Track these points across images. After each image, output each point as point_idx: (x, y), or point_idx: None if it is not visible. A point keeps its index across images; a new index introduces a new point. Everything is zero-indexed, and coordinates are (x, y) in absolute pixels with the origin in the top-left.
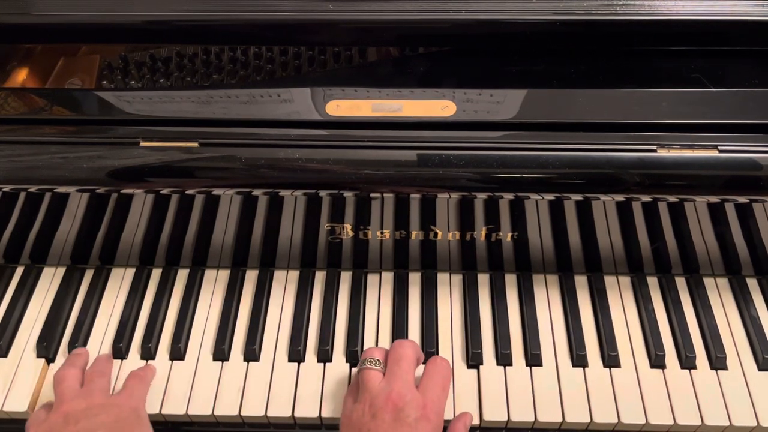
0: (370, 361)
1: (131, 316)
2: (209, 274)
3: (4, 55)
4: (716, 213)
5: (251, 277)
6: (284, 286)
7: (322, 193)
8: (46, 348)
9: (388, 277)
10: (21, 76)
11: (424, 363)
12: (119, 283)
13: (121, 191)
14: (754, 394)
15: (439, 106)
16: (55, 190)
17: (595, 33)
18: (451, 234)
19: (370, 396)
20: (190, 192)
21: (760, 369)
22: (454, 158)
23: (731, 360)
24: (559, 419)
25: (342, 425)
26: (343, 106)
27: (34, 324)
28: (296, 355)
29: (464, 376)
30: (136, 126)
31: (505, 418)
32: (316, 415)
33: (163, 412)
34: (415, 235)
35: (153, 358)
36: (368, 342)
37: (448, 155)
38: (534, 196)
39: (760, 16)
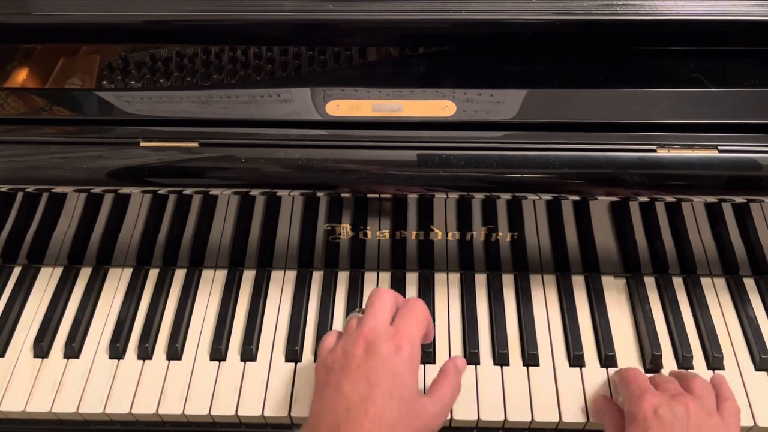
0: (355, 310)
1: (128, 316)
2: (206, 274)
3: (4, 55)
4: (714, 213)
5: (248, 277)
6: (281, 286)
7: (322, 194)
8: (43, 348)
9: (385, 276)
10: (21, 76)
11: None
12: (116, 283)
13: (121, 191)
14: (751, 394)
15: (439, 106)
16: (54, 190)
17: (595, 33)
18: (450, 234)
19: (347, 336)
20: (189, 192)
21: (757, 369)
22: (454, 158)
23: (728, 360)
24: (556, 419)
25: (317, 371)
26: (343, 106)
27: (31, 324)
28: (293, 355)
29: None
30: (136, 126)
31: (502, 418)
32: None
33: (160, 411)
34: (415, 235)
35: (150, 358)
36: None
37: (448, 155)
38: (534, 196)
39: (760, 16)
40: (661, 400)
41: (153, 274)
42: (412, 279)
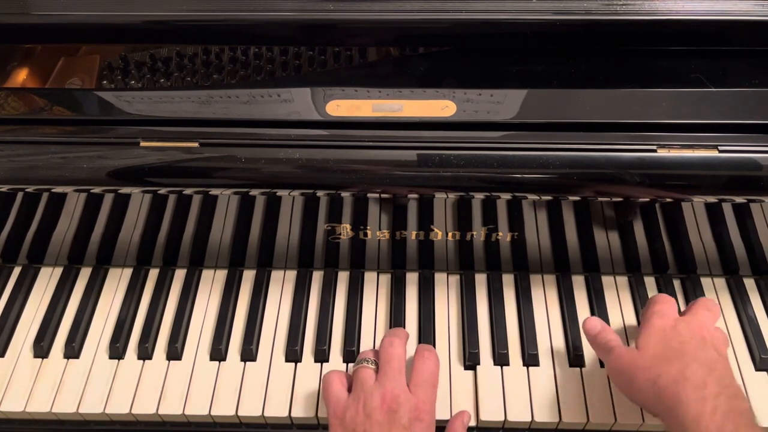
0: (366, 361)
1: (128, 316)
2: (206, 274)
3: (4, 55)
4: (714, 213)
5: (248, 277)
6: (281, 286)
7: (322, 194)
8: (43, 348)
9: (385, 277)
10: (21, 76)
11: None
12: (116, 283)
13: (121, 191)
14: (752, 394)
15: (440, 106)
16: (54, 190)
17: (595, 33)
18: (450, 234)
19: (365, 395)
20: (189, 192)
21: (757, 369)
22: (455, 158)
23: (728, 360)
24: (556, 419)
25: (332, 424)
26: (344, 106)
27: (31, 324)
28: (293, 355)
29: (461, 375)
30: (136, 126)
31: (502, 418)
32: (312, 414)
33: (160, 412)
34: (415, 235)
35: (150, 358)
36: (365, 342)
37: (448, 155)
38: (534, 196)
39: (760, 16)
40: (679, 322)
41: (153, 274)
42: (412, 279)
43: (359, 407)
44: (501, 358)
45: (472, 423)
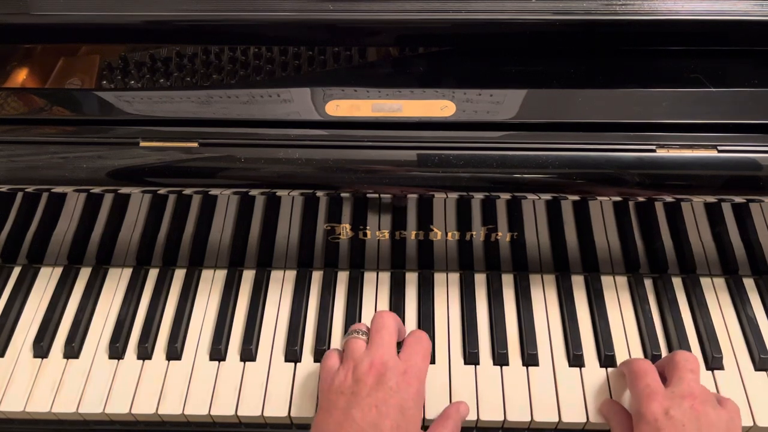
0: (356, 332)
1: (128, 316)
2: (206, 274)
3: (4, 55)
4: (714, 213)
5: (248, 277)
6: (281, 286)
7: (322, 194)
8: (43, 348)
9: (385, 276)
10: (21, 76)
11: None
12: (116, 283)
13: (121, 191)
14: (751, 394)
15: (439, 106)
16: (54, 190)
17: (594, 33)
18: (450, 234)
19: (354, 362)
20: (189, 192)
21: (756, 369)
22: (454, 158)
23: (728, 360)
24: (556, 419)
25: (322, 390)
26: (343, 106)
27: (31, 324)
28: (293, 355)
29: (461, 375)
30: (136, 126)
31: (502, 418)
32: (312, 414)
33: (160, 412)
34: (414, 235)
35: (150, 358)
36: None
37: (448, 155)
38: (533, 196)
39: (760, 16)
40: (671, 402)
41: (153, 274)
42: (411, 279)
43: (348, 373)
44: (500, 358)
45: (472, 419)
